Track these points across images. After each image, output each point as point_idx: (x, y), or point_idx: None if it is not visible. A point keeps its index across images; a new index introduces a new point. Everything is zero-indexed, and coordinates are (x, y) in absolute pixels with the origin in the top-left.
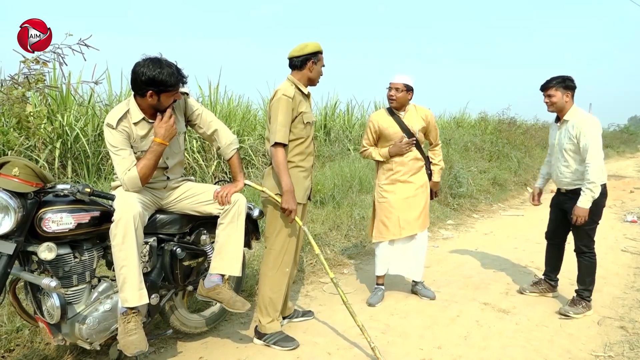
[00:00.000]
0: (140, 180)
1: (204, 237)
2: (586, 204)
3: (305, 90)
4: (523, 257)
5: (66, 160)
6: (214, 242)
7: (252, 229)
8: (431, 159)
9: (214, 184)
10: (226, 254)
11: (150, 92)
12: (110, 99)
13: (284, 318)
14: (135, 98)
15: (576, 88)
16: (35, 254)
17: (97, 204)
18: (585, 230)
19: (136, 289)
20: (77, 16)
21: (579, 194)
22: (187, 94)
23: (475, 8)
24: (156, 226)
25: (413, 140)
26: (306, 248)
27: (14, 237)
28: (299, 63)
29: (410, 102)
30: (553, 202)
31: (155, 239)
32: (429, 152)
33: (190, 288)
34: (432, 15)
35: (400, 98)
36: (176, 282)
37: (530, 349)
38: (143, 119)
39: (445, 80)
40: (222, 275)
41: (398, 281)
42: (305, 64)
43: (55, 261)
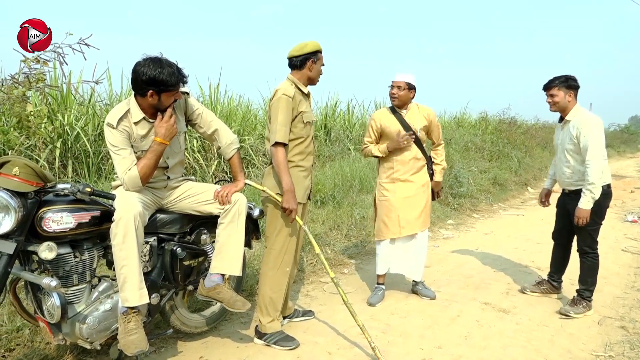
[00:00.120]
0: (140, 179)
1: (204, 237)
2: (587, 205)
3: (305, 90)
4: (523, 257)
5: (66, 160)
6: (214, 241)
7: (252, 228)
8: (433, 159)
9: (215, 183)
10: (226, 253)
11: (151, 91)
12: (110, 98)
13: (284, 318)
14: (135, 97)
15: (579, 88)
16: (36, 253)
17: (98, 204)
18: (587, 231)
19: (136, 289)
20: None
21: (581, 194)
22: (188, 93)
23: (475, 8)
24: (156, 226)
25: (411, 134)
26: (306, 248)
27: (15, 237)
28: (299, 62)
29: (413, 101)
30: (559, 203)
31: (155, 238)
32: (431, 151)
33: (190, 288)
34: (432, 15)
35: (402, 96)
36: (176, 281)
37: (530, 348)
38: (143, 118)
39: (445, 80)
40: (223, 275)
41: (398, 281)
42: (304, 63)
43: (56, 261)
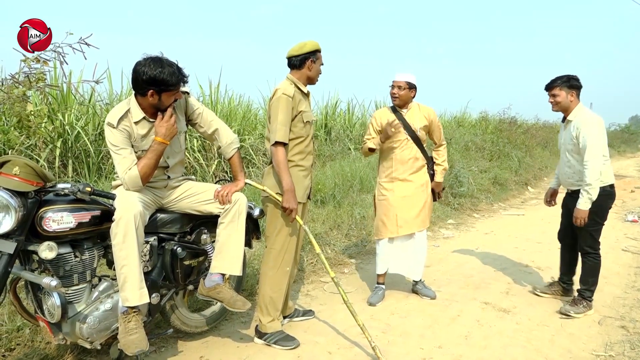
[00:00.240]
0: (141, 179)
1: (204, 237)
2: (584, 205)
3: (305, 89)
4: (524, 256)
5: (67, 160)
6: (214, 241)
7: (252, 228)
8: (435, 159)
9: (215, 183)
10: (227, 253)
11: (151, 91)
12: (111, 98)
13: (284, 317)
14: (136, 97)
15: (581, 87)
16: (36, 253)
17: (98, 203)
18: (588, 232)
19: (137, 288)
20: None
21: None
22: (188, 93)
23: (475, 8)
24: (157, 225)
25: (397, 122)
26: (307, 247)
27: (15, 236)
28: (298, 62)
29: (414, 100)
30: (563, 203)
31: (155, 238)
32: (433, 152)
33: (190, 287)
34: (432, 15)
35: (403, 96)
36: (177, 281)
37: (530, 348)
38: (144, 118)
39: (445, 80)
40: (223, 275)
41: (399, 280)
42: (304, 63)
43: (56, 260)
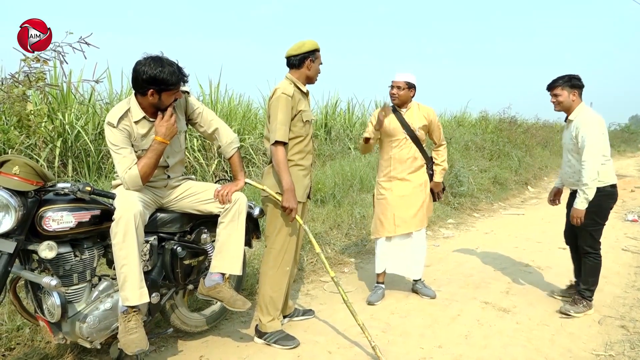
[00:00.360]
0: (141, 178)
1: (204, 236)
2: (580, 205)
3: (304, 89)
4: (524, 256)
5: (67, 159)
6: (214, 240)
7: (252, 227)
8: (434, 159)
9: (215, 182)
10: (227, 252)
11: (152, 90)
12: (110, 97)
13: (284, 317)
14: (136, 96)
15: (583, 87)
16: (36, 252)
17: (98, 203)
18: (588, 232)
19: (137, 288)
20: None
21: None
22: (188, 92)
23: (475, 8)
24: (157, 225)
25: (388, 106)
26: (307, 247)
27: (15, 236)
28: (297, 62)
29: (414, 100)
30: (567, 202)
31: (155, 237)
32: (432, 152)
33: (190, 287)
34: (432, 15)
35: (402, 96)
36: (177, 280)
37: (531, 348)
38: (144, 117)
39: (445, 80)
40: (223, 274)
41: (398, 280)
42: (303, 62)
43: (56, 260)
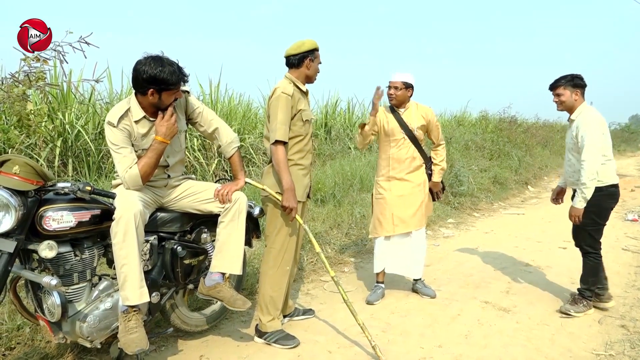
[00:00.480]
0: (141, 178)
1: (204, 236)
2: (578, 204)
3: (304, 88)
4: (524, 255)
5: (67, 159)
6: (214, 240)
7: (252, 227)
8: (433, 159)
9: (215, 182)
10: (227, 252)
11: (152, 90)
12: (111, 97)
13: (284, 316)
14: (136, 96)
15: (586, 86)
16: (36, 252)
17: (98, 202)
18: (587, 231)
19: (137, 287)
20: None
21: None
22: (188, 92)
23: (475, 8)
24: (157, 224)
25: (381, 90)
26: (307, 246)
27: (15, 235)
28: (296, 61)
29: (412, 99)
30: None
31: (156, 237)
32: (431, 152)
33: (191, 286)
34: (432, 15)
35: (400, 96)
36: (177, 280)
37: (531, 347)
38: (144, 117)
39: (445, 80)
40: (223, 274)
41: (398, 280)
42: (302, 62)
43: (56, 259)
